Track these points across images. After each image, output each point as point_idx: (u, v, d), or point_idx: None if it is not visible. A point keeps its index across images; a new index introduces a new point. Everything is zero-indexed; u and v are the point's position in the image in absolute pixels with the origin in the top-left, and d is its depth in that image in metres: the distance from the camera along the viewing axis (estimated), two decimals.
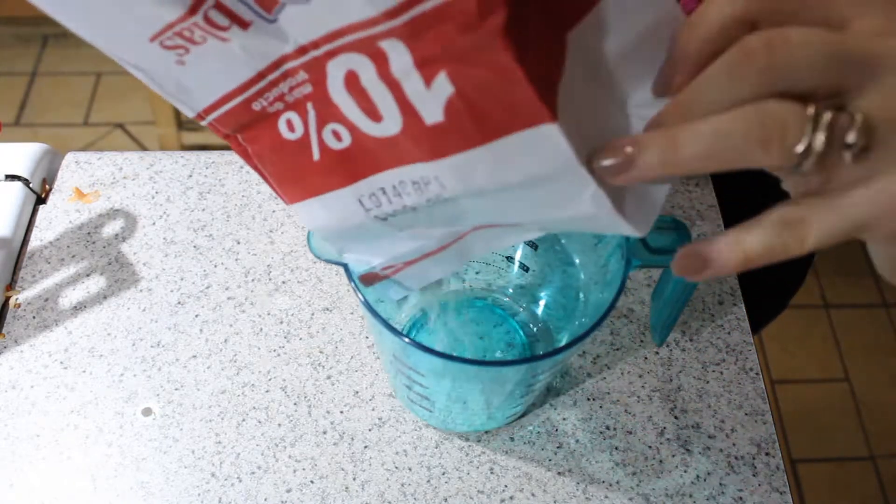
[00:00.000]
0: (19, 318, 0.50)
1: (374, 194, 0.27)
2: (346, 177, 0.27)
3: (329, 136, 0.26)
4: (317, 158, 0.27)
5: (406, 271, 0.32)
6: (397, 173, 0.26)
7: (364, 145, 0.26)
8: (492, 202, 0.26)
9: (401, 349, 0.37)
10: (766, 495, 0.44)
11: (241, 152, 0.28)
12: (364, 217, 0.28)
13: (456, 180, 0.25)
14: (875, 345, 1.46)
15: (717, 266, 0.23)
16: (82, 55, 1.83)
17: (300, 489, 0.44)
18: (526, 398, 0.43)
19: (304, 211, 0.30)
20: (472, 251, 0.31)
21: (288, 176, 0.29)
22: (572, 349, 0.35)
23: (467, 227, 0.29)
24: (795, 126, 0.20)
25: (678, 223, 0.37)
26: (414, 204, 0.27)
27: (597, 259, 0.41)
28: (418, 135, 0.24)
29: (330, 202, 0.28)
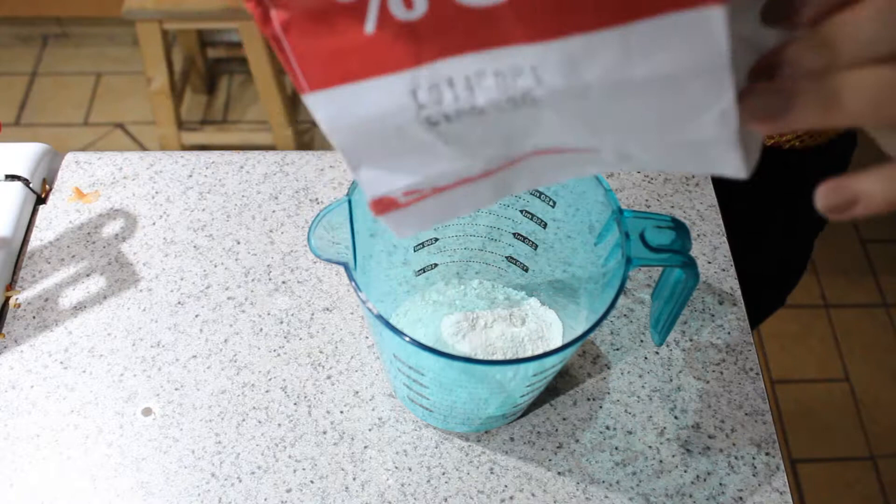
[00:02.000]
0: (19, 318, 0.50)
1: (437, 85, 0.22)
2: (406, 58, 0.22)
3: (397, 3, 0.21)
4: (370, 31, 0.21)
5: (430, 201, 0.26)
6: (479, 59, 0.21)
7: (443, 17, 0.21)
8: (587, 111, 0.21)
9: (401, 348, 0.37)
10: (766, 495, 0.44)
11: (260, 16, 0.22)
12: (411, 117, 0.23)
13: (561, 72, 0.20)
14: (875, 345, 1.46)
15: (870, 202, 0.22)
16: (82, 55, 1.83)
17: (300, 489, 0.44)
18: (525, 398, 0.43)
19: (327, 102, 0.23)
20: (515, 186, 0.26)
21: (319, 52, 0.22)
22: (571, 349, 0.35)
23: (528, 148, 0.24)
24: None
25: (678, 222, 0.37)
26: (486, 104, 0.22)
27: (596, 259, 0.41)
28: (530, 4, 0.19)
29: (370, 92, 0.23)
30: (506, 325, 0.45)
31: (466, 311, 0.45)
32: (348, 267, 0.35)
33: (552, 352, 0.35)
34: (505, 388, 0.40)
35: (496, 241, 0.46)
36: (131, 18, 1.34)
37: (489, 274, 0.49)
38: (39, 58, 1.83)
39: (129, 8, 1.32)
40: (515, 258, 0.47)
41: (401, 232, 0.28)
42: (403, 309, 0.48)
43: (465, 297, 0.49)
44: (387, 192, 0.26)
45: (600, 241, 0.40)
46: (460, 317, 0.45)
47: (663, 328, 0.42)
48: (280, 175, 0.58)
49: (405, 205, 0.27)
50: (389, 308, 0.48)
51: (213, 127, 1.72)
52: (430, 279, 0.49)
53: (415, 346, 0.34)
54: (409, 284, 0.48)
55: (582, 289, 0.43)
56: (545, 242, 0.45)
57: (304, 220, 0.56)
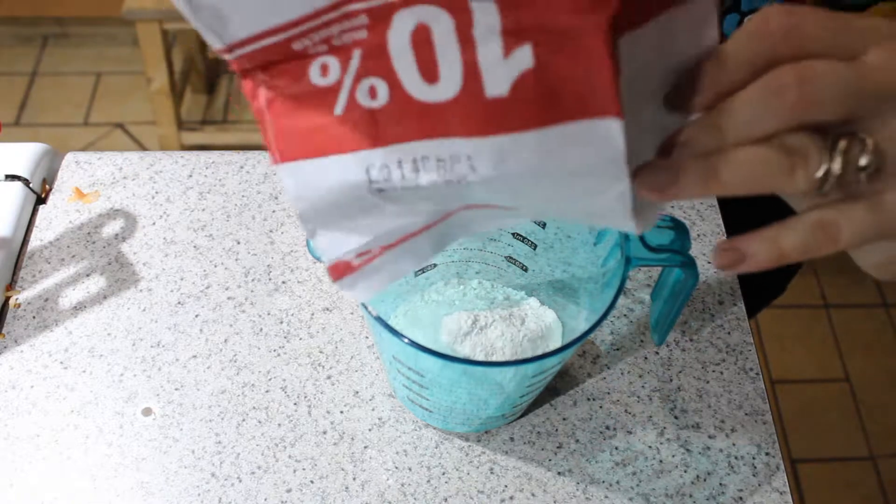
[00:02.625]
0: (19, 318, 0.50)
1: (387, 166, 0.26)
2: (364, 140, 0.25)
3: (363, 92, 0.25)
4: (339, 113, 0.25)
5: (380, 260, 0.30)
6: (425, 146, 0.25)
7: (399, 108, 0.24)
8: (509, 188, 0.25)
9: (400, 350, 0.37)
10: (766, 495, 0.44)
11: (250, 91, 0.26)
12: (363, 190, 0.26)
13: (491, 163, 0.24)
14: (875, 345, 1.46)
15: (754, 262, 0.25)
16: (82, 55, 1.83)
17: (300, 489, 0.44)
18: (525, 398, 0.43)
19: (293, 173, 0.27)
20: (452, 235, 0.30)
21: (294, 129, 0.26)
22: (571, 349, 0.35)
23: (461, 205, 0.28)
24: (815, 155, 0.23)
25: (677, 222, 0.37)
26: (428, 184, 0.26)
27: (595, 259, 0.41)
28: (472, 105, 0.23)
29: (330, 167, 0.26)
30: (505, 326, 0.45)
31: (466, 312, 0.45)
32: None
33: (552, 352, 0.35)
34: (504, 389, 0.40)
35: (496, 240, 0.46)
36: (131, 18, 1.34)
37: (489, 274, 0.49)
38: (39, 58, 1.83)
39: (129, 8, 1.32)
40: (515, 258, 0.47)
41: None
42: (403, 309, 0.48)
43: (464, 297, 0.49)
44: (342, 256, 0.30)
45: (600, 241, 0.40)
46: (460, 317, 0.45)
47: (663, 328, 0.42)
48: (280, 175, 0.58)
49: (358, 266, 0.30)
50: (389, 309, 0.48)
51: (213, 127, 1.72)
52: (429, 279, 0.49)
53: (414, 347, 0.34)
54: (408, 284, 0.48)
55: (581, 289, 0.43)
56: (545, 242, 0.45)
57: None
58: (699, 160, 0.24)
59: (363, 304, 0.35)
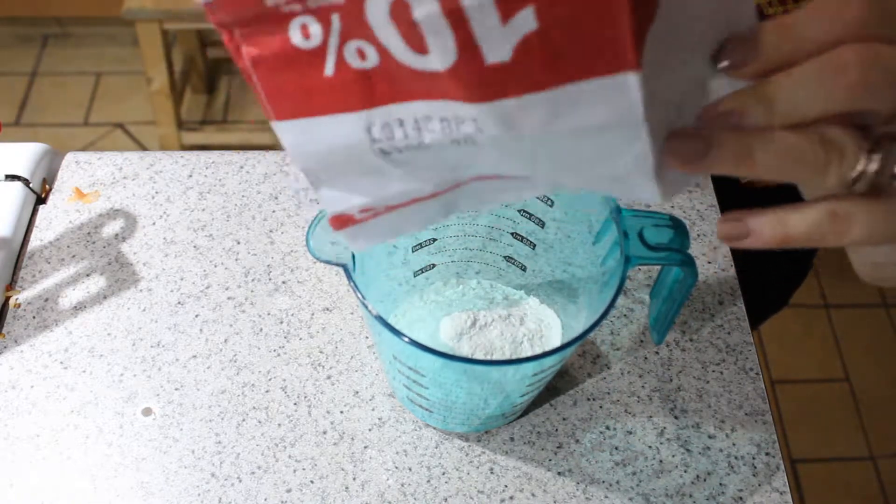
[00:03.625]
0: (19, 318, 0.50)
1: (389, 125, 0.24)
2: (361, 100, 0.24)
3: (351, 53, 0.23)
4: (329, 74, 0.24)
5: (384, 218, 0.29)
6: (426, 106, 0.23)
7: (392, 70, 0.23)
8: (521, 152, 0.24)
9: (400, 349, 0.37)
10: (766, 495, 0.45)
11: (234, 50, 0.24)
12: (366, 148, 0.25)
13: (498, 125, 0.22)
14: (875, 345, 1.46)
15: (757, 238, 0.24)
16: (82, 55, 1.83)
17: (300, 489, 0.44)
18: (525, 398, 0.43)
19: (291, 131, 0.26)
20: (461, 204, 0.29)
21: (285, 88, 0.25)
22: (571, 348, 0.35)
23: (471, 175, 0.27)
24: (851, 155, 0.22)
25: (676, 221, 0.37)
26: (432, 142, 0.24)
27: (595, 258, 0.41)
28: (470, 73, 0.21)
29: (329, 126, 0.25)
30: (505, 325, 0.45)
31: (465, 312, 0.45)
32: (347, 268, 0.35)
33: (551, 352, 0.35)
34: (504, 388, 0.40)
35: (495, 241, 0.46)
36: (131, 18, 1.34)
37: (488, 274, 0.49)
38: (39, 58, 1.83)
39: (129, 8, 1.33)
40: (514, 258, 0.47)
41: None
42: (402, 309, 0.48)
43: (463, 297, 0.49)
44: (344, 210, 0.29)
45: (599, 241, 0.40)
46: (459, 317, 0.45)
47: (662, 327, 0.42)
48: (280, 175, 0.58)
49: (361, 220, 0.29)
50: (388, 308, 0.48)
51: (213, 127, 1.72)
52: (429, 279, 0.49)
53: (414, 346, 0.34)
54: (408, 285, 0.48)
55: (581, 288, 0.44)
56: (544, 242, 0.45)
57: (304, 220, 0.56)
58: (737, 136, 0.23)
59: (363, 304, 0.35)
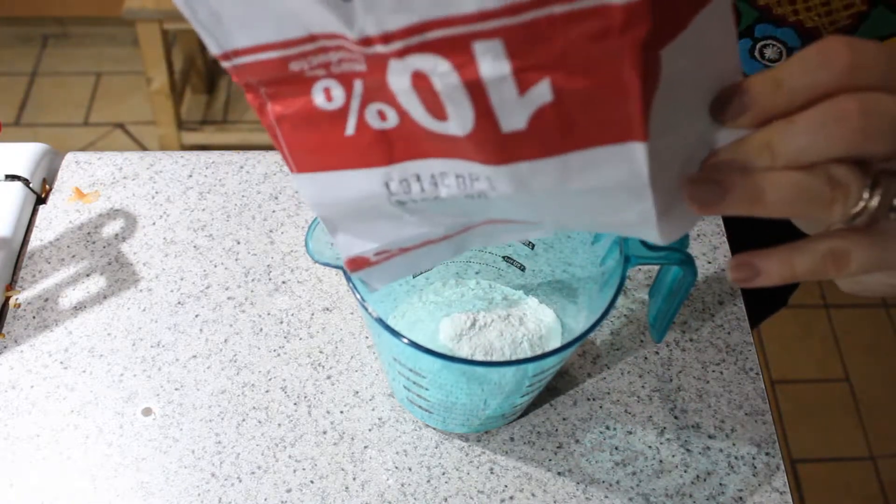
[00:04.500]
0: (19, 318, 0.50)
1: (407, 180, 0.25)
2: (380, 157, 0.25)
3: (373, 115, 0.24)
4: (350, 133, 0.25)
5: (397, 259, 0.30)
6: (442, 163, 0.24)
7: (411, 131, 0.24)
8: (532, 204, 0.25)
9: (400, 351, 0.37)
10: (766, 495, 0.45)
11: (258, 107, 0.25)
12: (383, 201, 0.26)
13: (511, 185, 0.23)
14: (875, 345, 1.46)
15: (767, 278, 0.26)
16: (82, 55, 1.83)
17: (300, 489, 0.44)
18: (525, 398, 0.43)
19: (311, 183, 0.27)
20: (471, 244, 0.30)
21: (307, 145, 0.26)
22: (571, 348, 0.35)
23: (482, 219, 0.28)
24: (856, 191, 0.24)
25: None
26: (448, 196, 0.25)
27: (594, 258, 0.41)
28: (487, 140, 0.22)
29: (348, 180, 0.26)
30: (504, 326, 0.45)
31: (465, 313, 0.45)
32: (345, 270, 0.35)
33: (551, 352, 0.35)
34: (504, 389, 0.40)
35: None
36: (131, 18, 1.34)
37: (487, 274, 0.49)
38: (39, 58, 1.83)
39: (129, 8, 1.33)
40: (513, 258, 0.47)
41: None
42: (401, 310, 0.48)
43: (462, 297, 0.49)
44: (360, 253, 0.30)
45: (598, 241, 0.40)
46: (459, 318, 0.45)
47: (661, 325, 0.42)
48: (280, 175, 0.58)
49: (376, 262, 0.30)
50: (388, 309, 0.48)
51: (213, 127, 1.72)
52: (428, 280, 0.49)
53: (414, 348, 0.34)
54: (407, 285, 0.48)
55: (580, 288, 0.43)
56: (543, 242, 0.45)
57: (304, 220, 0.56)
58: (747, 180, 0.24)
59: (363, 305, 0.35)
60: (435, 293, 0.49)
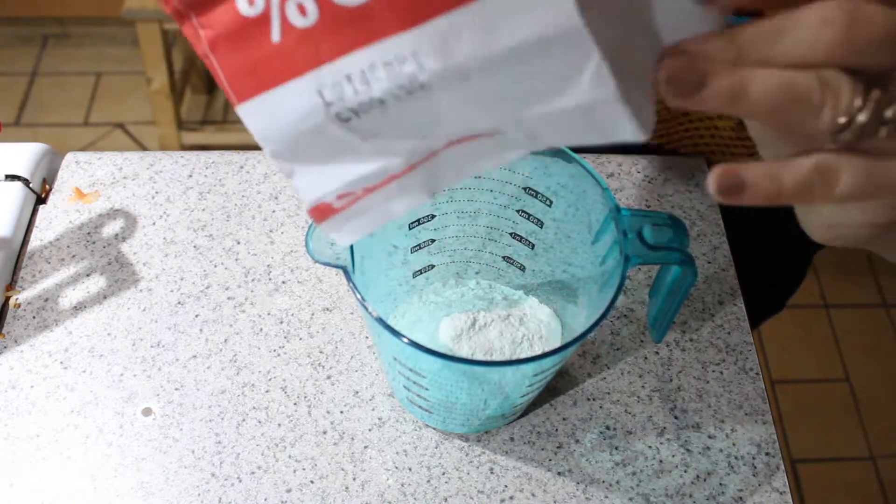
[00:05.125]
0: (19, 318, 0.50)
1: (339, 83, 0.25)
2: (308, 61, 0.25)
3: (293, 11, 0.25)
4: (276, 40, 0.25)
5: (364, 202, 0.29)
6: (368, 53, 0.24)
7: (332, 20, 0.24)
8: (474, 91, 0.24)
9: (400, 351, 0.37)
10: (766, 495, 0.45)
11: (192, 36, 0.26)
12: (323, 116, 0.26)
13: (436, 54, 0.23)
14: (875, 345, 1.46)
15: (752, 192, 0.24)
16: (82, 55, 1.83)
17: (300, 489, 0.44)
18: (525, 398, 0.43)
19: (255, 111, 0.27)
20: (444, 177, 0.29)
21: (242, 65, 0.26)
22: (571, 348, 0.35)
23: (441, 140, 0.27)
24: (847, 98, 0.22)
25: (675, 220, 0.37)
26: (382, 94, 0.25)
27: (594, 258, 0.41)
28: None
29: (286, 97, 0.26)
30: (504, 326, 0.45)
31: (465, 313, 0.45)
32: (347, 270, 0.35)
33: (551, 352, 0.35)
34: (504, 389, 0.40)
35: (494, 241, 0.46)
36: (131, 18, 1.34)
37: (487, 274, 0.49)
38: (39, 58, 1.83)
39: (129, 8, 1.33)
40: (513, 258, 0.47)
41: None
42: (402, 310, 0.48)
43: (462, 297, 0.49)
44: (321, 197, 0.29)
45: (598, 241, 0.40)
46: (459, 318, 0.45)
47: (661, 325, 0.42)
48: (280, 175, 0.58)
49: (341, 209, 0.29)
50: (388, 309, 0.48)
51: (213, 127, 1.72)
52: (428, 280, 0.49)
53: (414, 347, 0.34)
54: (407, 285, 0.48)
55: (580, 288, 0.44)
56: (543, 242, 0.45)
57: (303, 220, 0.56)
58: (733, 69, 0.22)
59: (363, 305, 0.35)
60: (435, 293, 0.49)
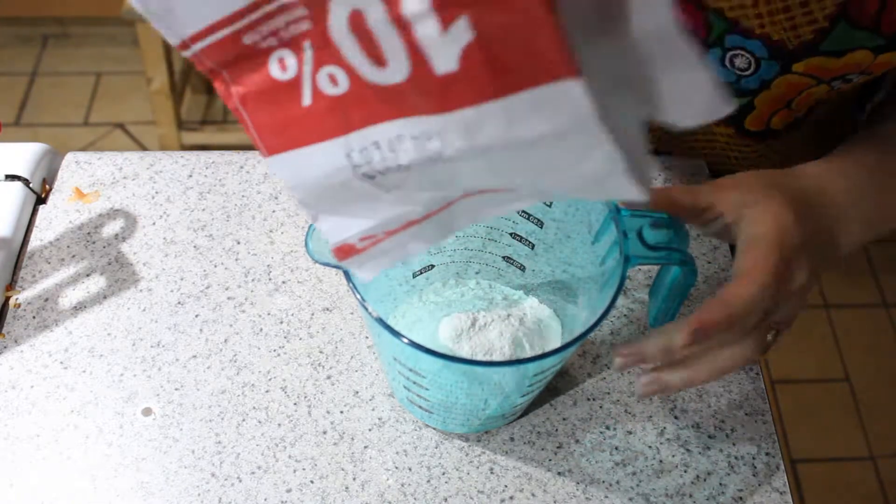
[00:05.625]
0: (19, 318, 0.50)
1: (367, 149, 0.26)
2: (338, 127, 0.26)
3: (324, 80, 0.25)
4: (307, 104, 0.26)
5: (385, 244, 0.31)
6: (396, 126, 0.25)
7: (362, 93, 0.25)
8: (493, 163, 0.25)
9: (400, 351, 0.37)
10: (766, 495, 0.45)
11: (224, 93, 0.27)
12: (350, 174, 0.27)
13: (462, 137, 0.24)
14: (875, 345, 1.46)
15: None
16: (82, 55, 1.83)
17: (300, 489, 0.44)
18: (525, 398, 0.43)
19: (283, 165, 0.28)
20: (458, 222, 0.30)
21: (272, 123, 0.27)
22: (572, 348, 0.35)
23: (458, 192, 0.28)
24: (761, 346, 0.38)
25: (673, 220, 0.37)
26: (409, 162, 0.26)
27: (594, 258, 0.41)
28: (426, 85, 0.23)
29: (314, 155, 0.27)
30: (504, 325, 0.45)
31: (465, 313, 0.45)
32: (348, 271, 0.35)
33: (552, 352, 0.35)
34: (504, 389, 0.40)
35: (494, 241, 0.46)
36: (131, 18, 1.34)
37: (487, 274, 0.49)
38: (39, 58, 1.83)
39: (130, 8, 1.32)
40: (512, 258, 0.47)
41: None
42: (402, 310, 0.48)
43: (462, 297, 0.49)
44: (345, 239, 0.31)
45: (598, 241, 0.40)
46: (459, 318, 0.45)
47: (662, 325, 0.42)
48: None
49: (363, 249, 0.31)
50: (388, 309, 0.48)
51: (213, 127, 1.72)
52: (428, 279, 0.49)
53: (414, 348, 0.34)
54: (407, 285, 0.48)
55: (580, 288, 0.43)
56: (544, 242, 0.45)
57: (303, 220, 0.56)
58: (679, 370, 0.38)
59: (363, 305, 0.35)
60: (435, 293, 0.49)
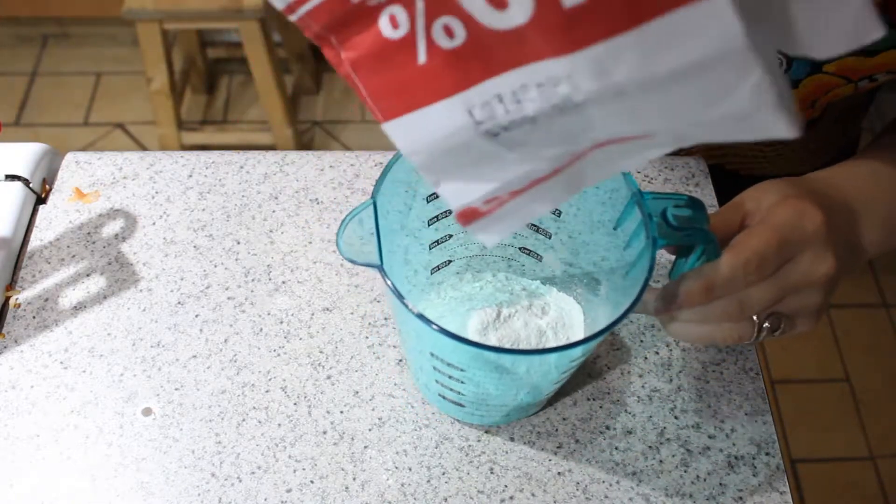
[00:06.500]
0: (19, 318, 0.50)
1: (489, 103, 0.24)
2: (457, 82, 0.24)
3: (439, 33, 0.23)
4: (422, 62, 0.24)
5: (510, 205, 0.29)
6: (519, 75, 0.23)
7: (480, 42, 0.23)
8: (627, 106, 0.23)
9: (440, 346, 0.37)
10: (766, 495, 0.44)
11: (334, 58, 0.25)
12: (472, 133, 0.25)
13: (593, 77, 0.22)
14: (875, 345, 1.46)
15: None
16: (82, 55, 1.83)
17: (300, 489, 0.44)
18: (556, 385, 0.43)
19: (400, 130, 0.26)
20: (588, 178, 0.28)
21: (386, 86, 0.25)
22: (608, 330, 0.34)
23: (587, 143, 0.26)
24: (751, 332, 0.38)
25: (694, 200, 0.37)
26: (535, 112, 0.24)
27: (615, 244, 0.40)
28: (551, 22, 0.21)
29: (433, 116, 0.25)
30: (528, 316, 0.45)
31: (490, 307, 0.45)
32: (383, 269, 0.35)
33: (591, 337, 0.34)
34: (541, 377, 0.40)
35: None
36: (131, 18, 1.34)
37: (504, 266, 0.49)
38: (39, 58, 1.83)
39: (129, 8, 1.33)
40: (529, 248, 0.47)
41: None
42: (422, 307, 0.48)
43: (481, 290, 0.49)
44: (468, 203, 0.29)
45: (620, 226, 0.39)
46: (485, 312, 0.45)
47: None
48: (280, 175, 0.58)
49: (487, 212, 0.29)
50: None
51: (213, 127, 1.72)
52: (445, 274, 0.48)
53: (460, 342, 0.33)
54: (426, 282, 0.48)
55: (602, 275, 0.43)
56: (562, 230, 0.44)
57: (304, 220, 0.56)
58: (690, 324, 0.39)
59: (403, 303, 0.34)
60: (453, 288, 0.48)
